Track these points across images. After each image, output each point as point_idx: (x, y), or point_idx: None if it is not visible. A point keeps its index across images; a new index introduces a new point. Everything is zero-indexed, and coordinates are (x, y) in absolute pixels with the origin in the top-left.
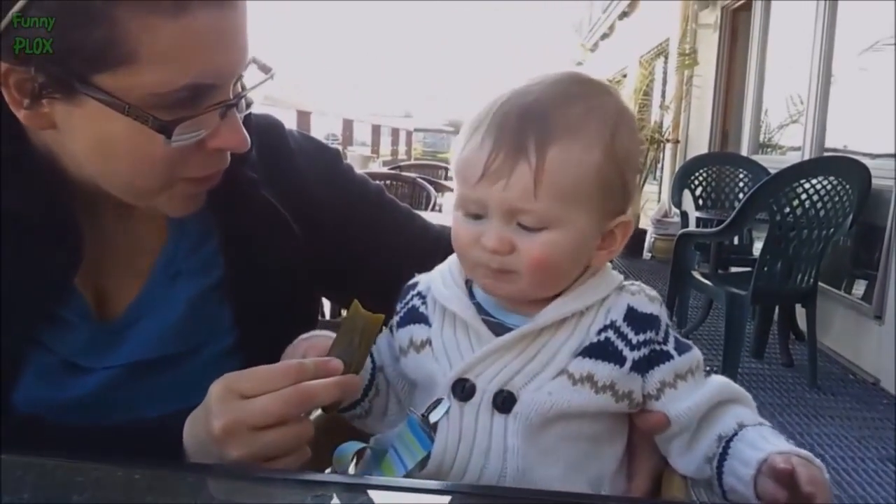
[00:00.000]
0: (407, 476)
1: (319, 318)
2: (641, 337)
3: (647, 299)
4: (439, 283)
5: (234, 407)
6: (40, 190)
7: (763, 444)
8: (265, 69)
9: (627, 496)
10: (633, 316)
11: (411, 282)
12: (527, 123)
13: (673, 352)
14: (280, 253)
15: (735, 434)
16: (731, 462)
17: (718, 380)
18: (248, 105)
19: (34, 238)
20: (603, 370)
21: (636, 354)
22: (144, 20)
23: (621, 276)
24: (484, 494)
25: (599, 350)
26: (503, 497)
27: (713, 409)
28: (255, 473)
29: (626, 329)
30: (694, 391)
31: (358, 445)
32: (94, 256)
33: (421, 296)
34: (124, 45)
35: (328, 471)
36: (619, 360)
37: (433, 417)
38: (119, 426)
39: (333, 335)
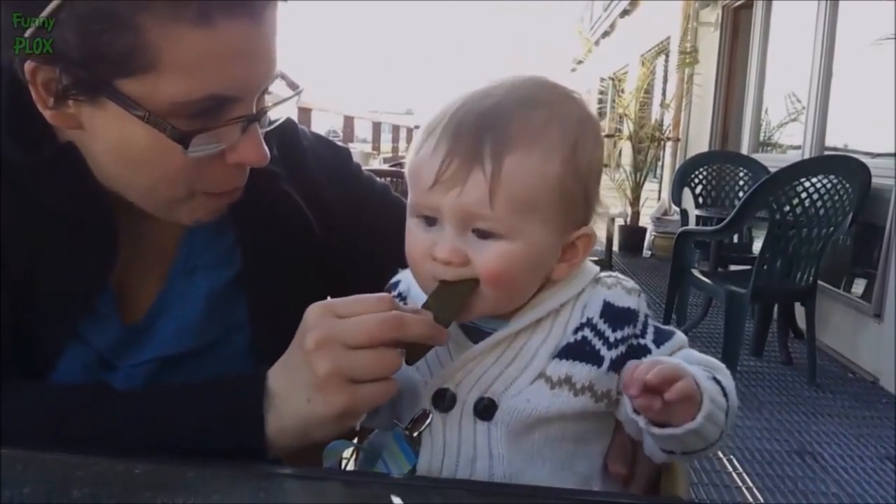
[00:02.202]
0: None
1: None
2: (619, 334)
3: (625, 292)
4: (419, 288)
5: (329, 322)
6: (79, 187)
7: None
8: (293, 86)
9: (626, 492)
10: (610, 312)
11: (393, 280)
12: (483, 129)
13: (651, 345)
14: (296, 247)
15: None
16: None
17: (682, 354)
18: (273, 121)
19: (73, 232)
20: (581, 371)
21: (614, 353)
22: (168, 29)
23: (597, 268)
24: (490, 493)
25: (576, 350)
26: (517, 496)
27: None
28: (255, 468)
29: (602, 326)
30: None
31: (347, 444)
32: (122, 255)
33: (402, 297)
34: (148, 52)
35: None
36: (596, 360)
37: (414, 431)
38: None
39: None
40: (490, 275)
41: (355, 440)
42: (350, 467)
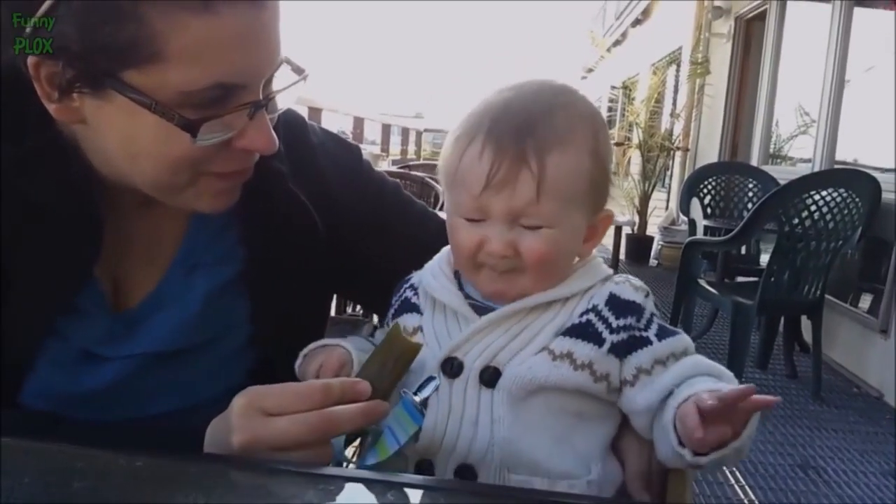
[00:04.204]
0: (400, 450)
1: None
2: (622, 321)
3: (632, 288)
4: (428, 275)
5: (255, 424)
6: (62, 180)
7: (688, 391)
8: (298, 70)
9: (622, 498)
10: (614, 301)
11: (406, 278)
12: (522, 134)
13: (653, 338)
14: (301, 247)
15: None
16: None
17: (691, 359)
18: (279, 108)
19: (54, 227)
20: (582, 349)
21: (615, 338)
22: (172, 18)
23: (610, 270)
24: (486, 493)
25: (580, 330)
26: (512, 496)
27: (680, 385)
28: (258, 464)
29: (606, 313)
30: (665, 374)
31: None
32: (114, 246)
33: (413, 287)
34: (152, 42)
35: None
36: (597, 340)
37: (424, 394)
38: (130, 424)
39: (343, 345)
40: (538, 260)
41: None
42: (349, 452)
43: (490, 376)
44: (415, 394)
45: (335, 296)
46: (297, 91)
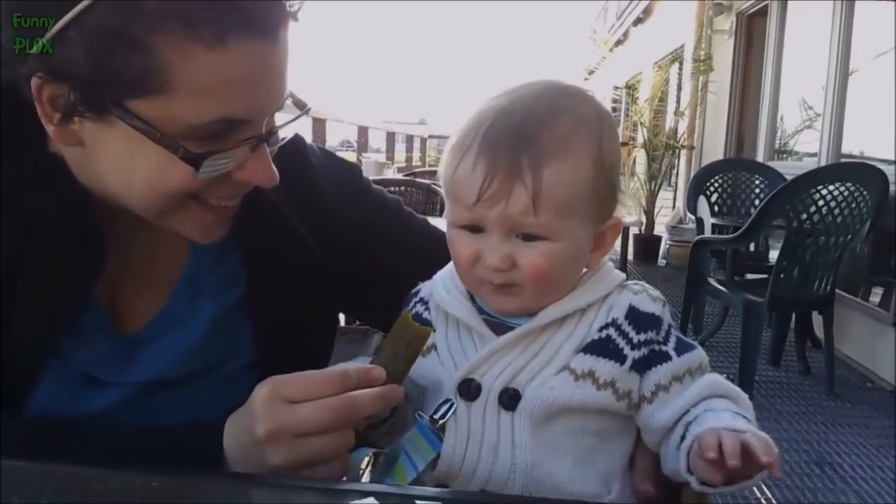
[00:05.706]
0: (418, 477)
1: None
2: (642, 336)
3: (650, 299)
4: (440, 288)
5: (279, 412)
6: (62, 197)
7: (712, 422)
8: (300, 104)
9: None
10: (634, 315)
11: (414, 290)
12: (518, 145)
13: (672, 353)
14: (300, 272)
15: (696, 417)
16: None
17: (707, 378)
18: (282, 139)
19: (55, 244)
20: (604, 367)
21: (636, 354)
22: (183, 51)
23: (623, 275)
24: None
25: (601, 347)
26: None
27: (695, 406)
28: (274, 481)
29: (627, 327)
30: (683, 393)
31: (368, 451)
32: (115, 268)
33: (423, 302)
34: (161, 74)
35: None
36: (619, 358)
37: (440, 418)
38: (145, 432)
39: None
40: (536, 275)
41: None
42: (366, 477)
43: (510, 399)
44: (431, 417)
45: (346, 314)
46: (303, 120)
